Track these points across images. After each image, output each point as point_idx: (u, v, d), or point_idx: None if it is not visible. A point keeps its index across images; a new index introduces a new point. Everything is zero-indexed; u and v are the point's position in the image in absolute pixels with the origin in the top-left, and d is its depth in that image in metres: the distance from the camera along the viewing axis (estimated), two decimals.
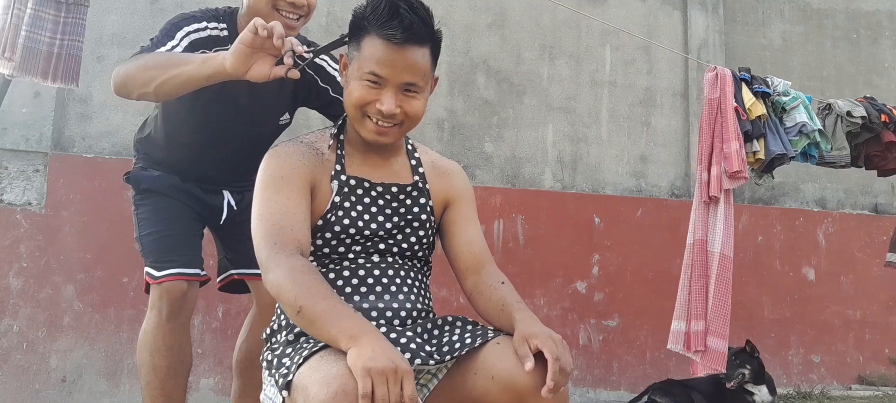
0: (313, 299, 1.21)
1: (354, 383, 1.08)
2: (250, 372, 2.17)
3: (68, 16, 2.29)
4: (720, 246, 3.01)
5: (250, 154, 2.02)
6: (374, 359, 1.09)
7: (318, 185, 1.41)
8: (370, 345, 1.12)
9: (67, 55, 2.31)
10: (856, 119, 3.34)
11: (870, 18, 5.17)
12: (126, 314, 3.50)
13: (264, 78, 1.53)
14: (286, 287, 1.23)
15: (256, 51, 1.52)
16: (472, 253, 1.49)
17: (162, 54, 1.80)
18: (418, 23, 1.35)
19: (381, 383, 1.07)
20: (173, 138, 2.05)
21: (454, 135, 4.28)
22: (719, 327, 2.97)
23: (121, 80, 1.78)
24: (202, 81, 1.66)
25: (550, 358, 1.20)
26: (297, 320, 1.24)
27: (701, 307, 3.03)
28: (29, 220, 3.48)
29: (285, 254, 1.27)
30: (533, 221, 4.16)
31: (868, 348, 4.60)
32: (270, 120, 2.09)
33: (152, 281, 1.97)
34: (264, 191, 1.37)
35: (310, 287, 1.23)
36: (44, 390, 3.41)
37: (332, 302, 1.22)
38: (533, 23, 4.49)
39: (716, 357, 2.98)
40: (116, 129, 3.77)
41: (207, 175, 2.10)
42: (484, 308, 1.45)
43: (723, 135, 3.07)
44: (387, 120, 1.38)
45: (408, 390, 1.09)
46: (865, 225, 4.79)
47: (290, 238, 1.31)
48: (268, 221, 1.33)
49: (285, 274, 1.24)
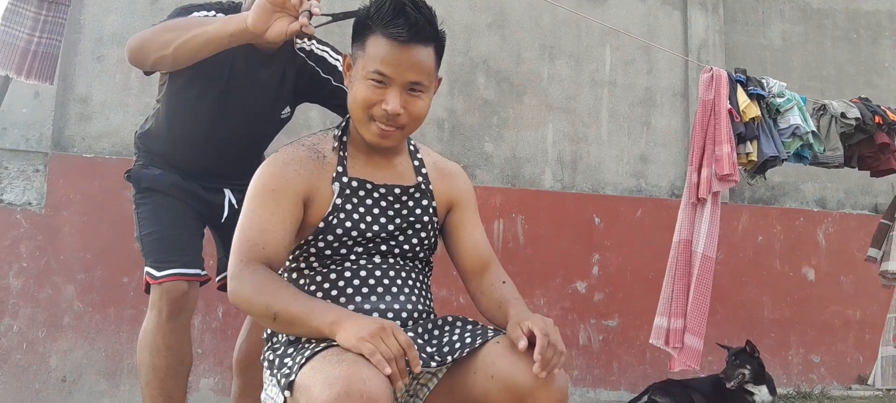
0: (285, 302, 1.25)
1: (357, 384, 1.08)
2: (251, 372, 2.17)
3: (49, 14, 2.27)
4: (703, 247, 3.03)
5: (251, 149, 2.03)
6: (363, 329, 1.16)
7: (318, 190, 1.41)
8: (352, 321, 1.20)
9: (44, 53, 2.28)
10: (850, 120, 3.38)
11: (870, 18, 5.17)
12: (126, 314, 3.50)
13: (281, 35, 1.59)
14: (255, 299, 1.27)
15: (277, 8, 1.57)
16: (478, 256, 1.51)
17: (182, 18, 1.82)
18: (423, 21, 1.36)
19: (379, 343, 1.14)
20: (176, 130, 2.04)
21: (454, 135, 4.28)
22: (696, 326, 3.00)
23: (137, 45, 1.80)
24: (225, 40, 1.69)
25: (539, 333, 1.23)
26: (276, 326, 1.28)
27: (681, 305, 3.07)
28: (29, 220, 3.48)
29: (249, 269, 1.30)
30: (533, 221, 4.16)
31: (868, 348, 4.60)
32: (272, 113, 2.09)
33: (153, 281, 1.97)
34: (251, 201, 1.39)
35: (278, 292, 1.27)
36: (44, 390, 3.41)
37: (303, 300, 1.27)
38: (533, 23, 4.49)
39: (691, 354, 3.01)
40: (116, 129, 3.77)
41: (209, 170, 2.09)
42: (486, 307, 1.47)
43: (715, 137, 3.09)
44: (391, 120, 1.38)
45: (401, 338, 1.16)
46: (865, 225, 4.78)
47: (260, 256, 1.32)
48: (243, 235, 1.35)
49: (250, 287, 1.28)
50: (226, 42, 1.70)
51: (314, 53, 2.07)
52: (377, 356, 1.12)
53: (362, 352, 1.13)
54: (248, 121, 2.03)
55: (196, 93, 1.95)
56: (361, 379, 1.10)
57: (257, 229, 1.34)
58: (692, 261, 3.08)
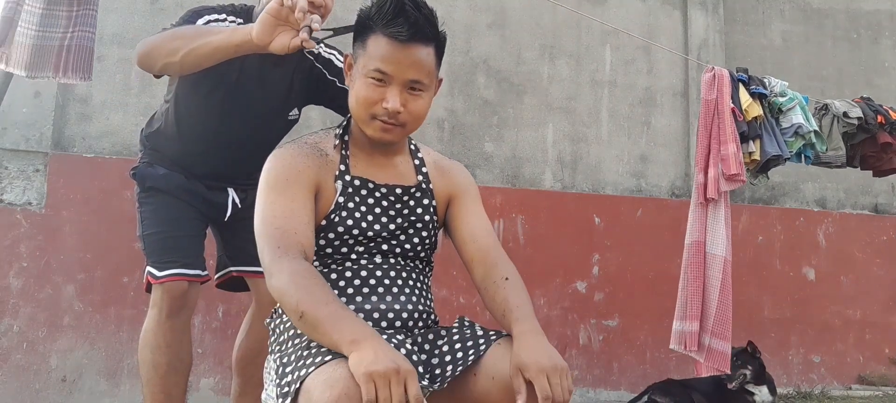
0: (316, 305, 1.21)
1: (358, 386, 1.08)
2: (250, 371, 2.18)
3: (79, 9, 2.27)
4: (722, 249, 3.03)
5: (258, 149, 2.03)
6: (376, 363, 1.08)
7: (323, 186, 1.41)
8: (372, 349, 1.11)
9: (78, 46, 2.27)
10: (852, 120, 3.38)
11: (870, 18, 5.17)
12: (126, 314, 3.50)
13: (284, 49, 1.61)
14: (289, 292, 1.23)
15: (281, 22, 1.59)
16: (477, 245, 1.48)
17: (190, 26, 1.85)
18: (423, 21, 1.36)
19: (383, 386, 1.07)
20: (184, 129, 2.05)
21: (454, 135, 4.28)
22: (722, 329, 2.99)
23: (146, 50, 1.82)
24: (231, 50, 1.71)
25: (540, 397, 1.18)
26: (300, 324, 1.24)
27: (696, 308, 3.05)
28: (29, 220, 3.48)
29: (288, 259, 1.27)
30: (533, 221, 4.16)
31: (868, 348, 4.60)
32: (280, 114, 2.10)
33: (154, 281, 1.98)
34: (269, 193, 1.37)
35: (312, 292, 1.23)
36: (44, 390, 3.41)
37: (333, 306, 1.22)
38: (533, 23, 4.49)
39: (719, 358, 3.01)
40: (116, 129, 3.77)
41: (214, 170, 2.10)
42: (490, 306, 1.45)
43: (720, 136, 3.09)
44: (391, 118, 1.38)
45: (412, 390, 1.09)
46: (865, 225, 4.79)
47: (294, 241, 1.30)
48: (271, 225, 1.32)
49: (288, 279, 1.24)
50: (232, 52, 1.72)
51: (322, 56, 2.10)
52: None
53: (362, 392, 1.06)
54: (256, 120, 2.04)
55: (206, 91, 1.96)
56: None
57: (283, 217, 1.33)
58: (708, 264, 3.08)
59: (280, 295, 1.25)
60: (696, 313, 3.05)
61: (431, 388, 1.27)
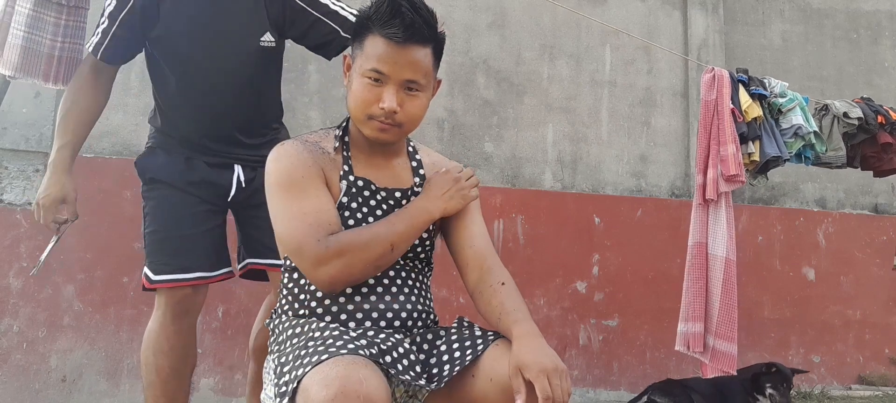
0: (387, 234, 1.37)
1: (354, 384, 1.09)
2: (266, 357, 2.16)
3: (69, 19, 2.27)
4: (725, 250, 3.02)
5: (246, 93, 1.98)
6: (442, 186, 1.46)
7: (330, 182, 1.42)
8: (431, 189, 1.48)
9: (69, 58, 2.28)
10: (852, 120, 3.37)
11: (870, 18, 5.17)
12: (126, 314, 3.50)
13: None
14: (356, 258, 1.32)
15: None
16: (473, 250, 1.48)
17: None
18: (420, 22, 1.36)
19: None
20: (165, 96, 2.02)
21: (454, 135, 4.28)
22: (726, 330, 2.99)
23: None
24: None
25: (541, 398, 1.18)
26: (395, 255, 1.39)
27: (699, 309, 3.05)
28: (29, 220, 3.48)
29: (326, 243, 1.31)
30: (533, 221, 4.16)
31: (868, 348, 4.60)
32: (249, 39, 1.96)
33: (148, 284, 1.95)
34: (281, 196, 1.37)
35: (367, 243, 1.34)
36: (44, 390, 3.41)
37: (376, 227, 1.39)
38: (533, 23, 4.49)
39: (724, 359, 3.00)
40: (116, 129, 3.77)
41: (214, 134, 2.01)
42: (484, 311, 1.42)
43: (719, 137, 3.09)
44: (388, 118, 1.38)
45: None
46: (865, 225, 4.79)
47: (328, 231, 1.34)
48: (295, 225, 1.34)
49: (345, 255, 1.32)
50: None
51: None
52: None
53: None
54: (224, 49, 1.93)
55: (166, 43, 1.93)
56: (358, 380, 1.10)
57: (313, 211, 1.35)
58: (711, 265, 3.08)
59: (349, 272, 1.33)
60: (699, 314, 3.05)
61: (429, 388, 1.27)
